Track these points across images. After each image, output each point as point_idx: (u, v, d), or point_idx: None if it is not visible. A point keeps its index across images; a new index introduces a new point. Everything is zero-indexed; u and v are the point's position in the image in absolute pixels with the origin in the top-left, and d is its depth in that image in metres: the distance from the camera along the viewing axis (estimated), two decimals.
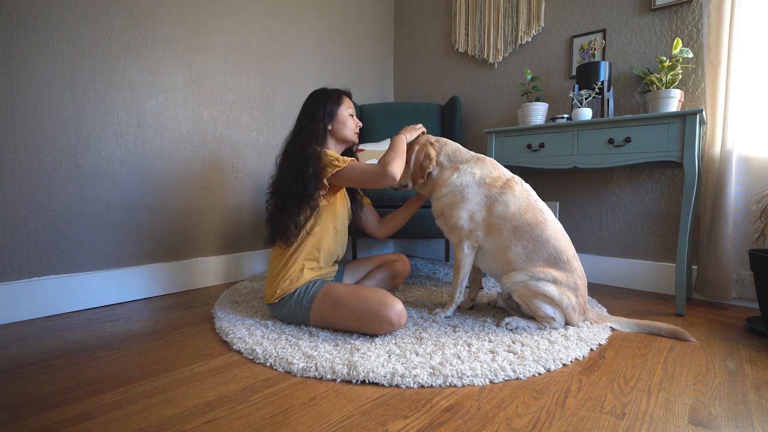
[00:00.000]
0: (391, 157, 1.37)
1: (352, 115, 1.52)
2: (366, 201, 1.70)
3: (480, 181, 1.47)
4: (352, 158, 1.43)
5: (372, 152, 2.27)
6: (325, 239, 1.44)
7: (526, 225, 1.40)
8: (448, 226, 1.51)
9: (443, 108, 2.66)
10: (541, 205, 1.46)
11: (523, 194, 1.45)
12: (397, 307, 1.28)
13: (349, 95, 1.57)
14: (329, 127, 1.48)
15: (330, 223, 1.46)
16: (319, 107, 1.47)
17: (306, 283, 1.40)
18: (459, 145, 1.59)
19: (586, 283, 1.44)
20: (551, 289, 1.35)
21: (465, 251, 1.48)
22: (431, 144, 1.55)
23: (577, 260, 1.41)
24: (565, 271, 1.38)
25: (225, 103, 2.12)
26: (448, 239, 1.63)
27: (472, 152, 1.56)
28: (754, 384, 1.06)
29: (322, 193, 1.38)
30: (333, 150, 1.51)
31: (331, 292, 1.34)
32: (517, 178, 1.51)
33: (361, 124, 1.57)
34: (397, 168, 1.34)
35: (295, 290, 1.38)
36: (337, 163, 1.36)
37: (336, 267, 1.56)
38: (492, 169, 1.50)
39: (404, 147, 1.45)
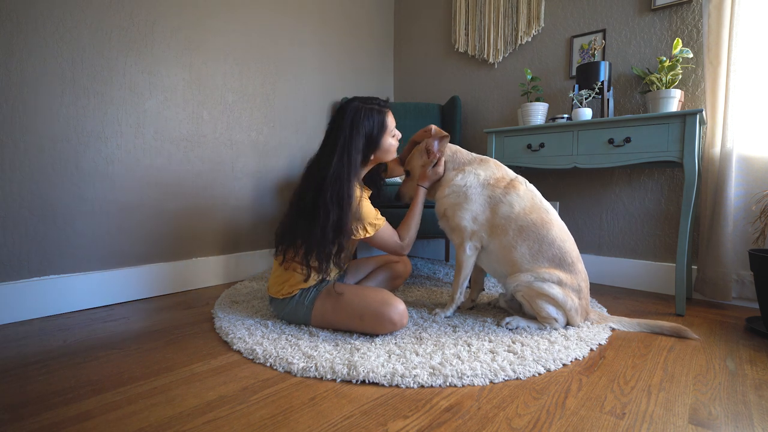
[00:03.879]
0: (414, 233, 1.49)
1: (394, 135, 1.42)
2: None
3: (484, 183, 1.46)
4: (384, 224, 1.39)
5: None
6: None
7: (532, 225, 1.40)
8: (450, 226, 1.51)
9: (443, 108, 2.66)
10: (546, 205, 1.46)
11: (527, 194, 1.45)
12: (399, 307, 1.28)
13: (388, 107, 1.40)
14: (371, 157, 1.38)
15: None
16: (358, 134, 1.30)
17: (310, 285, 1.40)
18: (458, 146, 1.59)
19: (589, 285, 1.43)
20: (556, 290, 1.35)
21: (467, 252, 1.48)
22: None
23: (581, 262, 1.41)
24: (570, 272, 1.38)
25: (225, 103, 2.12)
26: (450, 240, 1.63)
27: (473, 153, 1.56)
28: (754, 384, 1.06)
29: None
30: (364, 172, 1.46)
31: (333, 291, 1.34)
32: (520, 178, 1.50)
33: (400, 136, 1.45)
34: (413, 243, 1.51)
35: (299, 291, 1.38)
36: (369, 228, 1.35)
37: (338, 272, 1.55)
38: (495, 170, 1.50)
39: (422, 207, 1.53)
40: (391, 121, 1.39)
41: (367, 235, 1.37)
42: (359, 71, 2.87)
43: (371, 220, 1.36)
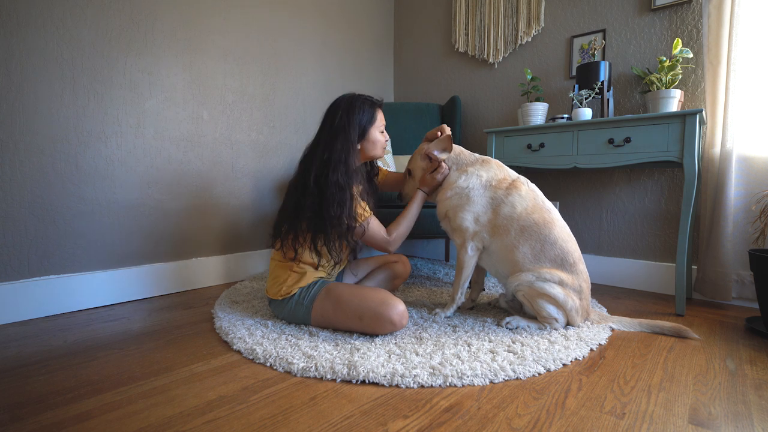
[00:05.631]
0: (404, 231, 1.48)
1: (383, 132, 1.47)
2: (383, 172, 1.69)
3: (486, 184, 1.46)
4: (371, 215, 1.41)
5: None
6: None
7: (534, 225, 1.39)
8: (452, 227, 1.51)
9: (443, 108, 2.66)
10: (548, 204, 1.46)
11: (529, 194, 1.45)
12: (399, 307, 1.28)
13: (381, 106, 1.48)
14: (358, 147, 1.41)
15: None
16: (352, 124, 1.37)
17: (308, 283, 1.40)
18: (462, 147, 1.59)
19: (590, 286, 1.43)
20: (557, 291, 1.35)
21: (469, 253, 1.48)
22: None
23: (582, 262, 1.41)
24: (571, 273, 1.37)
25: (225, 103, 2.12)
26: (451, 240, 1.64)
27: (475, 154, 1.56)
28: (754, 384, 1.06)
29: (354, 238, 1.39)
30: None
31: (332, 291, 1.34)
32: (522, 178, 1.50)
33: (389, 138, 1.52)
34: (401, 241, 1.49)
35: (297, 290, 1.38)
36: (359, 219, 1.36)
37: (338, 268, 1.55)
38: (497, 171, 1.50)
39: (418, 210, 1.53)
40: (380, 116, 1.46)
41: (354, 225, 1.36)
42: (359, 71, 2.87)
43: (358, 210, 1.37)
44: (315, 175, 1.34)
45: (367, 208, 1.41)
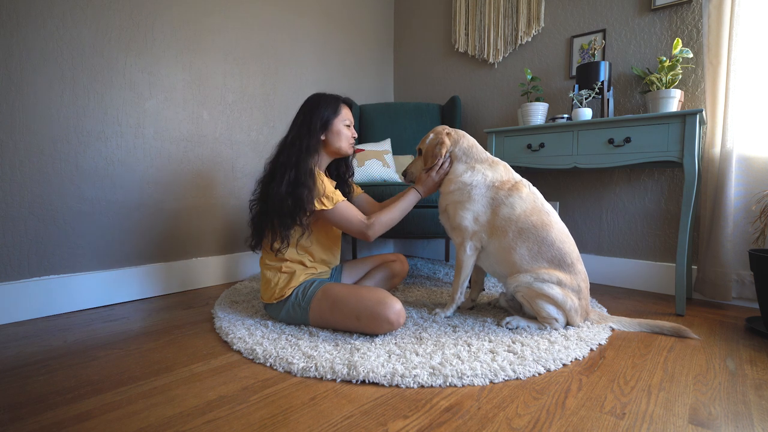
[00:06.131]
0: (386, 221, 1.44)
1: (348, 126, 1.48)
2: (358, 191, 1.67)
3: (489, 184, 1.46)
4: (344, 200, 1.40)
5: (372, 152, 2.27)
6: (314, 248, 1.46)
7: (532, 227, 1.39)
8: (451, 225, 1.51)
9: (443, 108, 2.66)
10: (547, 207, 1.45)
11: (529, 196, 1.44)
12: (395, 306, 1.28)
13: (348, 103, 1.51)
14: (322, 138, 1.43)
15: (320, 235, 1.47)
16: (315, 116, 1.42)
17: (302, 283, 1.40)
18: (475, 141, 1.57)
19: (589, 286, 1.43)
20: (555, 291, 1.35)
21: (467, 252, 1.48)
22: (448, 134, 1.54)
23: (580, 263, 1.41)
24: (569, 273, 1.37)
25: (225, 103, 2.12)
26: (450, 238, 1.63)
27: (487, 152, 1.55)
28: (754, 384, 1.06)
29: (304, 219, 1.37)
30: (325, 160, 1.49)
31: (329, 292, 1.34)
32: (525, 181, 1.50)
33: (356, 135, 1.52)
34: (382, 230, 1.43)
35: (292, 292, 1.38)
36: (326, 201, 1.35)
37: (324, 266, 1.55)
38: (504, 173, 1.49)
39: (409, 206, 1.50)
40: (346, 111, 1.49)
41: (325, 209, 1.35)
42: (359, 71, 2.87)
43: (328, 193, 1.36)
44: (271, 158, 1.44)
45: (338, 193, 1.40)
